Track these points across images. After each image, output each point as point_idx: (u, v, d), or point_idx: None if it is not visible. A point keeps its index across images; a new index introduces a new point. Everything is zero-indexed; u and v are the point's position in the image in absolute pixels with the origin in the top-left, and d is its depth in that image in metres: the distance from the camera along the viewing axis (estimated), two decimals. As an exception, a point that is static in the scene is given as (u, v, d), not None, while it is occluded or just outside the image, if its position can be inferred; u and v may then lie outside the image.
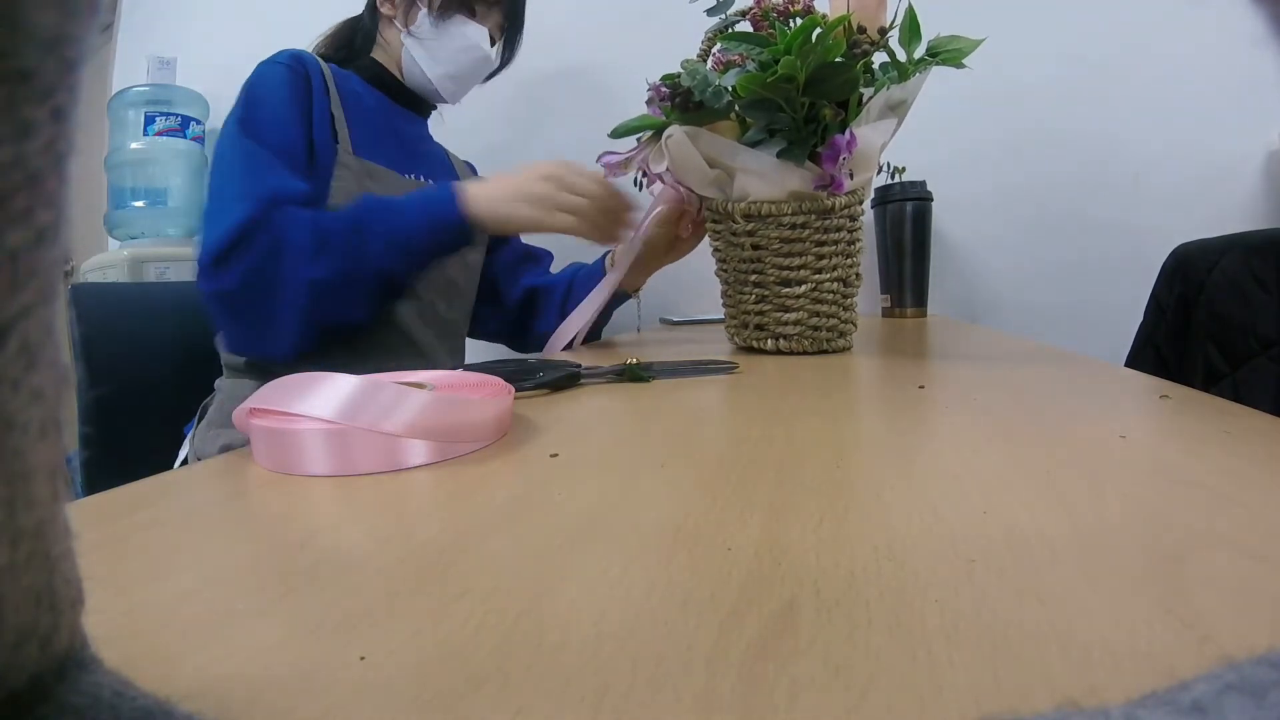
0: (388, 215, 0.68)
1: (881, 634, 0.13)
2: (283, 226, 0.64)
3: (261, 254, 0.63)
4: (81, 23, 0.07)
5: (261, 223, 0.64)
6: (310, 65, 0.78)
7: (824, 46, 0.49)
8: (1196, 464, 0.23)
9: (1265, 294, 0.82)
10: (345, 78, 0.84)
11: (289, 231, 0.64)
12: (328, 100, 0.78)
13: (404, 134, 0.89)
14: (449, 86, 0.88)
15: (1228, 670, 0.08)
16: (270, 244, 0.63)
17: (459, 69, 0.87)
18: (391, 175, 0.82)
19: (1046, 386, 0.40)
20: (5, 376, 0.07)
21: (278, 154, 0.70)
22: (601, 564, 0.17)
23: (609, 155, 0.63)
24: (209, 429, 0.71)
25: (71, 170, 0.08)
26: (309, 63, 0.78)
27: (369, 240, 0.66)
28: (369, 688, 0.12)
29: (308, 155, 0.74)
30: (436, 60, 0.85)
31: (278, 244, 0.64)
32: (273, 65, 0.76)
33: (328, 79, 0.79)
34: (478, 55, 0.86)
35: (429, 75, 0.86)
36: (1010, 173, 1.23)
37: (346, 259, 0.66)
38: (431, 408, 0.28)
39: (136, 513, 0.23)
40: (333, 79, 0.80)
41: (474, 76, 0.90)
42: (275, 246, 0.63)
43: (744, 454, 0.27)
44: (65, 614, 0.10)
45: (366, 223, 0.67)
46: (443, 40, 0.84)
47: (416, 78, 0.87)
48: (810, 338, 0.59)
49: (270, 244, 0.63)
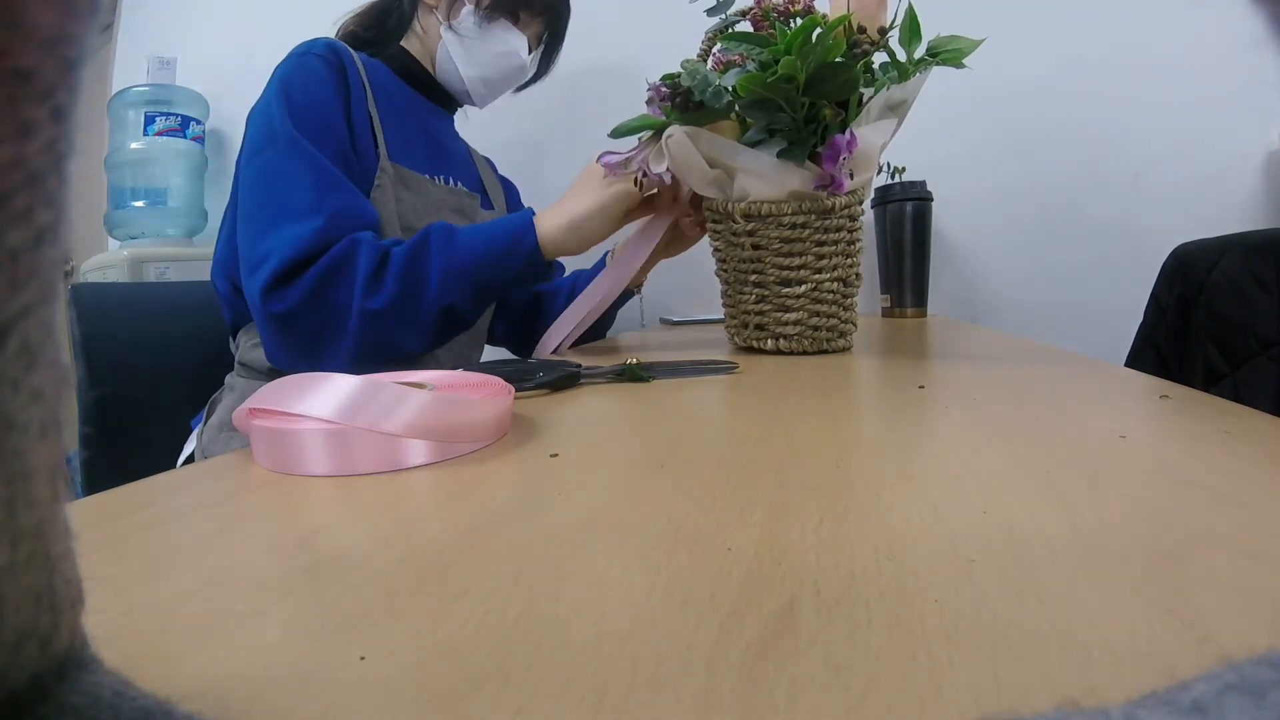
0: (457, 249, 0.64)
1: (881, 634, 0.13)
2: (352, 252, 0.61)
3: (327, 278, 0.60)
4: (81, 23, 0.07)
5: (332, 245, 0.61)
6: (346, 59, 0.74)
7: (824, 47, 0.49)
8: (1196, 464, 0.23)
9: (1265, 294, 0.82)
10: (375, 69, 0.80)
11: (358, 258, 0.61)
12: (366, 99, 0.75)
13: (434, 132, 0.86)
14: (480, 90, 0.86)
15: (1228, 670, 0.08)
16: (337, 269, 0.61)
17: (495, 73, 0.84)
18: (424, 181, 0.80)
19: (1046, 386, 0.40)
20: (5, 376, 0.07)
21: (337, 162, 0.67)
22: (601, 564, 0.17)
23: (609, 155, 0.63)
24: (220, 430, 0.69)
25: (71, 170, 0.08)
26: (344, 56, 0.74)
27: (434, 274, 0.63)
28: (369, 688, 0.12)
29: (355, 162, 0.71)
30: (473, 61, 0.82)
31: (345, 270, 0.61)
32: (309, 57, 0.71)
33: (363, 74, 0.76)
34: (516, 63, 0.84)
35: (463, 74, 0.83)
36: (1010, 173, 1.23)
37: (408, 293, 0.62)
38: (431, 408, 0.28)
39: (136, 513, 0.23)
40: (367, 74, 0.77)
41: (507, 83, 0.88)
42: (342, 272, 0.61)
43: (744, 454, 0.27)
44: (65, 614, 0.10)
45: (434, 255, 0.64)
46: (484, 42, 0.81)
47: (449, 75, 0.84)
48: (810, 338, 0.59)
49: (337, 269, 0.61)
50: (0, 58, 0.06)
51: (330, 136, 0.68)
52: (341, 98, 0.71)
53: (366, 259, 0.61)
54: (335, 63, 0.72)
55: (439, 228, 0.65)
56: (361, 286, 0.61)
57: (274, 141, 0.66)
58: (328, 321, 0.62)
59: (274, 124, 0.66)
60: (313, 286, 0.60)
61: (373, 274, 0.61)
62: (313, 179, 0.64)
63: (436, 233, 0.64)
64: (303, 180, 0.64)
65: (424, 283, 0.63)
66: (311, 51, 0.72)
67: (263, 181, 0.65)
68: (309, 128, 0.67)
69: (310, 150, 0.65)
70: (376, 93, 0.76)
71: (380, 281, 0.62)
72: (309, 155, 0.65)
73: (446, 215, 0.82)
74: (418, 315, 0.64)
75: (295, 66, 0.70)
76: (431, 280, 0.63)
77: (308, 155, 0.65)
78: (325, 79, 0.71)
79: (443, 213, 0.82)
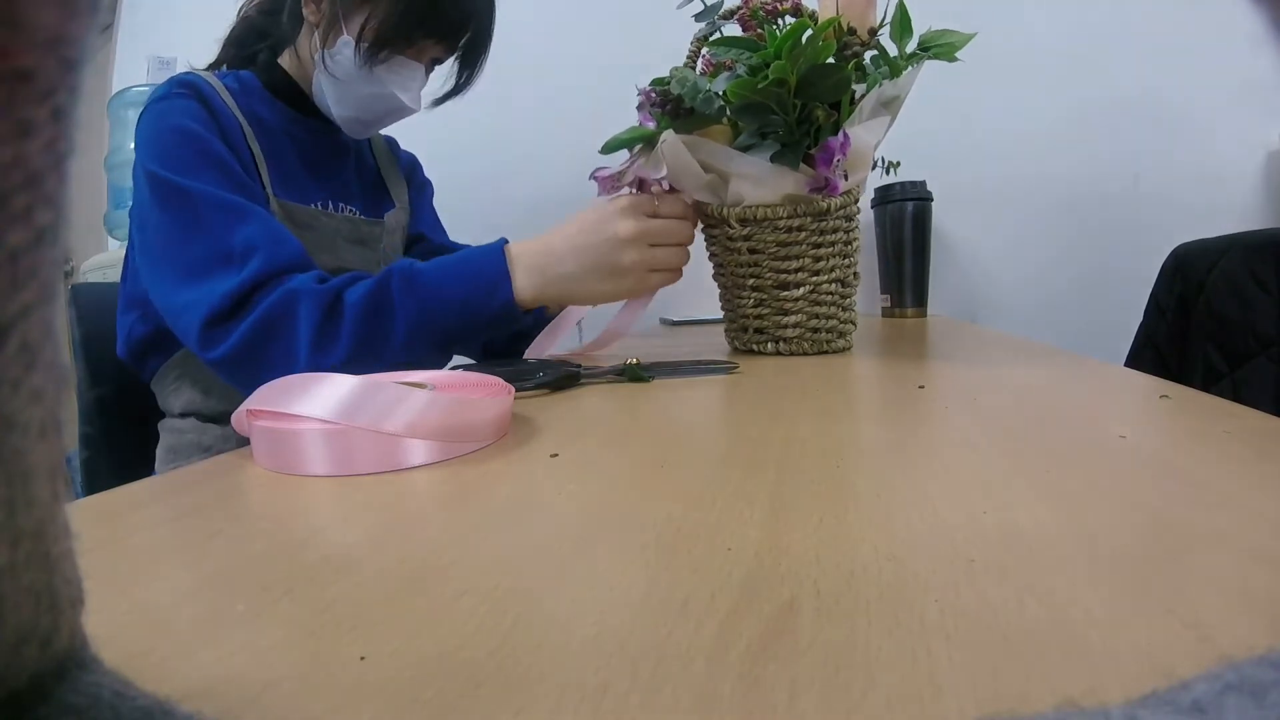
0: (423, 298, 0.57)
1: (881, 634, 0.13)
2: (290, 306, 0.54)
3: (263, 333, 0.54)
4: (81, 23, 0.07)
5: (262, 285, 0.54)
6: (206, 91, 0.65)
7: (814, 49, 0.49)
8: (1196, 464, 0.23)
9: (1265, 294, 0.83)
10: (245, 90, 0.70)
11: (299, 311, 0.54)
12: (241, 131, 0.66)
13: (315, 154, 0.76)
14: (356, 128, 0.75)
15: (1228, 670, 0.08)
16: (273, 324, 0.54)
17: (370, 115, 0.73)
18: (315, 214, 0.71)
19: (1046, 386, 0.40)
20: (5, 376, 0.07)
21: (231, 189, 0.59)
22: (601, 564, 0.17)
23: (602, 170, 0.62)
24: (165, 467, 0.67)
25: (71, 170, 0.08)
26: (204, 89, 0.65)
27: (399, 326, 0.56)
28: (369, 688, 0.12)
29: None
30: (344, 100, 0.71)
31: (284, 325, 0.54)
32: (168, 100, 0.63)
33: (231, 104, 0.67)
34: (395, 105, 0.71)
35: (334, 114, 0.72)
36: (1010, 173, 1.23)
37: (368, 347, 0.55)
38: (431, 408, 0.28)
39: (136, 513, 0.23)
40: (235, 101, 0.68)
41: (390, 119, 0.76)
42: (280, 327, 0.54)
43: (744, 454, 0.27)
44: (65, 614, 0.10)
45: (398, 306, 0.56)
46: (357, 82, 0.69)
47: (323, 105, 0.73)
48: (810, 339, 0.59)
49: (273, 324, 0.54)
50: (0, 58, 0.06)
51: (214, 165, 0.61)
52: (214, 132, 0.64)
53: (309, 310, 0.55)
54: (195, 96, 0.65)
55: (400, 271, 0.58)
56: (309, 341, 0.54)
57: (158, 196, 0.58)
58: (276, 368, 0.54)
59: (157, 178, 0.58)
60: (249, 339, 0.54)
61: (321, 325, 0.55)
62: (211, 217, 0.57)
63: (398, 277, 0.57)
64: (210, 222, 0.57)
65: (386, 337, 0.56)
66: (169, 95, 0.64)
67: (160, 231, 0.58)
68: (189, 165, 0.59)
69: (206, 190, 0.58)
70: (250, 122, 0.68)
71: (334, 335, 0.55)
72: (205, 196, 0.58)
73: (343, 248, 0.74)
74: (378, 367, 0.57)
75: (157, 114, 0.63)
76: (396, 333, 0.56)
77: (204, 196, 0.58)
78: (193, 114, 0.63)
79: (338, 245, 0.74)
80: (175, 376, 0.69)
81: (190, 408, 0.68)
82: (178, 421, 0.70)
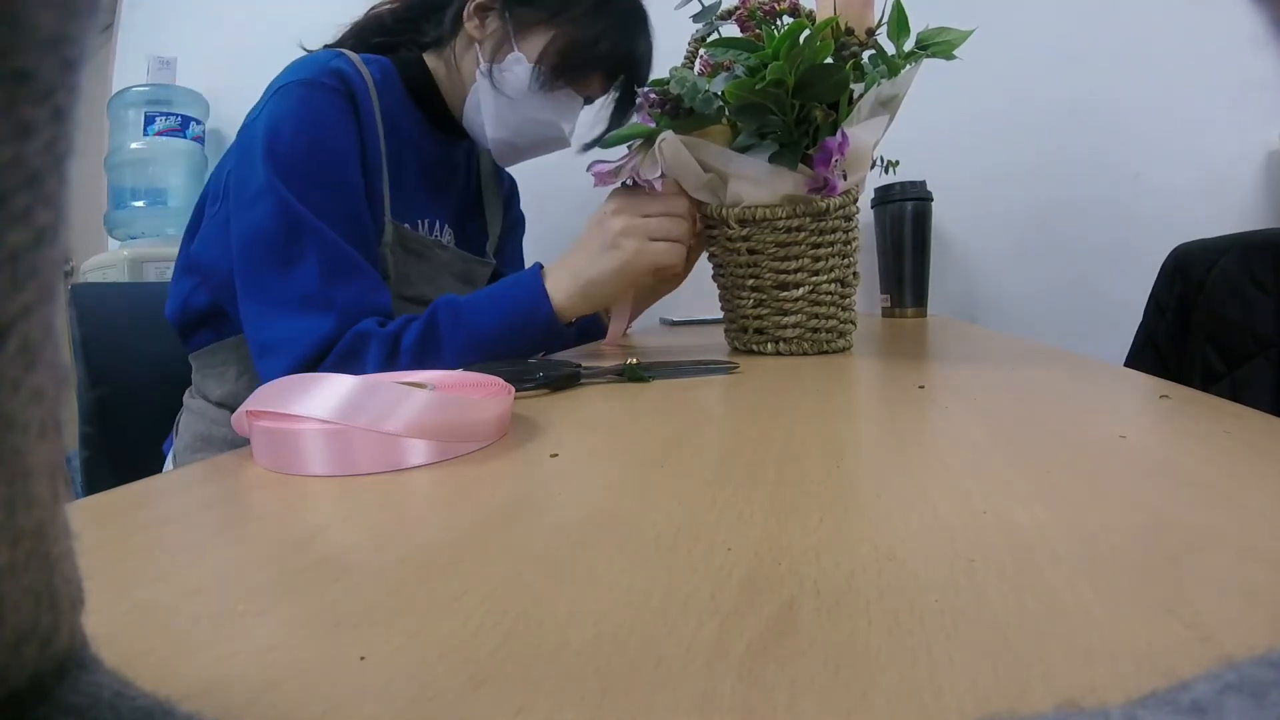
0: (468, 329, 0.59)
1: (881, 634, 0.13)
2: (360, 348, 0.56)
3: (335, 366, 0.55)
4: (81, 23, 0.07)
5: (338, 343, 0.56)
6: (357, 87, 0.62)
7: (812, 49, 0.49)
8: (1196, 464, 0.23)
9: (1264, 294, 0.82)
10: (387, 85, 0.67)
11: (368, 354, 0.56)
12: (379, 140, 0.64)
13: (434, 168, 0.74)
14: (505, 151, 0.72)
15: (1228, 670, 0.08)
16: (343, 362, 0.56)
17: (527, 141, 0.71)
18: (428, 244, 0.71)
19: (1046, 386, 0.40)
20: (5, 376, 0.07)
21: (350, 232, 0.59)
22: (601, 564, 0.17)
23: (599, 164, 0.62)
24: (195, 452, 0.68)
25: (71, 170, 0.08)
26: (355, 84, 0.62)
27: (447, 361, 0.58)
28: (369, 688, 0.12)
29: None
30: (503, 123, 0.68)
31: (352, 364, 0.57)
32: (316, 90, 0.59)
33: (376, 105, 0.64)
34: (551, 134, 0.70)
35: (489, 135, 0.70)
36: (1010, 173, 1.23)
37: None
38: (432, 408, 0.28)
39: (136, 513, 0.23)
40: (379, 98, 0.65)
41: (537, 150, 0.74)
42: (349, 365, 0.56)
43: (744, 454, 0.27)
44: (65, 614, 0.10)
45: (445, 340, 0.58)
46: (525, 103, 0.66)
47: (472, 123, 0.71)
48: (810, 340, 0.59)
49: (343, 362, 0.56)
50: (0, 58, 0.06)
51: (343, 198, 0.60)
52: (356, 145, 0.62)
53: (376, 354, 0.57)
54: (346, 94, 0.61)
55: (444, 305, 0.59)
56: None
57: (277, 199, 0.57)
58: None
59: (277, 177, 0.57)
60: None
61: (383, 366, 0.57)
62: (321, 259, 0.57)
63: (443, 310, 0.59)
64: (310, 257, 0.57)
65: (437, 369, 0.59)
66: (318, 80, 0.60)
67: (264, 247, 0.58)
68: (319, 186, 0.58)
69: (318, 225, 0.57)
70: (387, 130, 0.66)
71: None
72: (316, 231, 0.57)
73: (448, 282, 0.74)
74: None
75: (300, 101, 0.59)
76: (446, 364, 0.58)
77: (316, 232, 0.57)
78: (335, 121, 0.60)
79: (443, 279, 0.74)
80: (223, 361, 0.69)
81: (229, 399, 0.68)
82: (211, 409, 0.69)
